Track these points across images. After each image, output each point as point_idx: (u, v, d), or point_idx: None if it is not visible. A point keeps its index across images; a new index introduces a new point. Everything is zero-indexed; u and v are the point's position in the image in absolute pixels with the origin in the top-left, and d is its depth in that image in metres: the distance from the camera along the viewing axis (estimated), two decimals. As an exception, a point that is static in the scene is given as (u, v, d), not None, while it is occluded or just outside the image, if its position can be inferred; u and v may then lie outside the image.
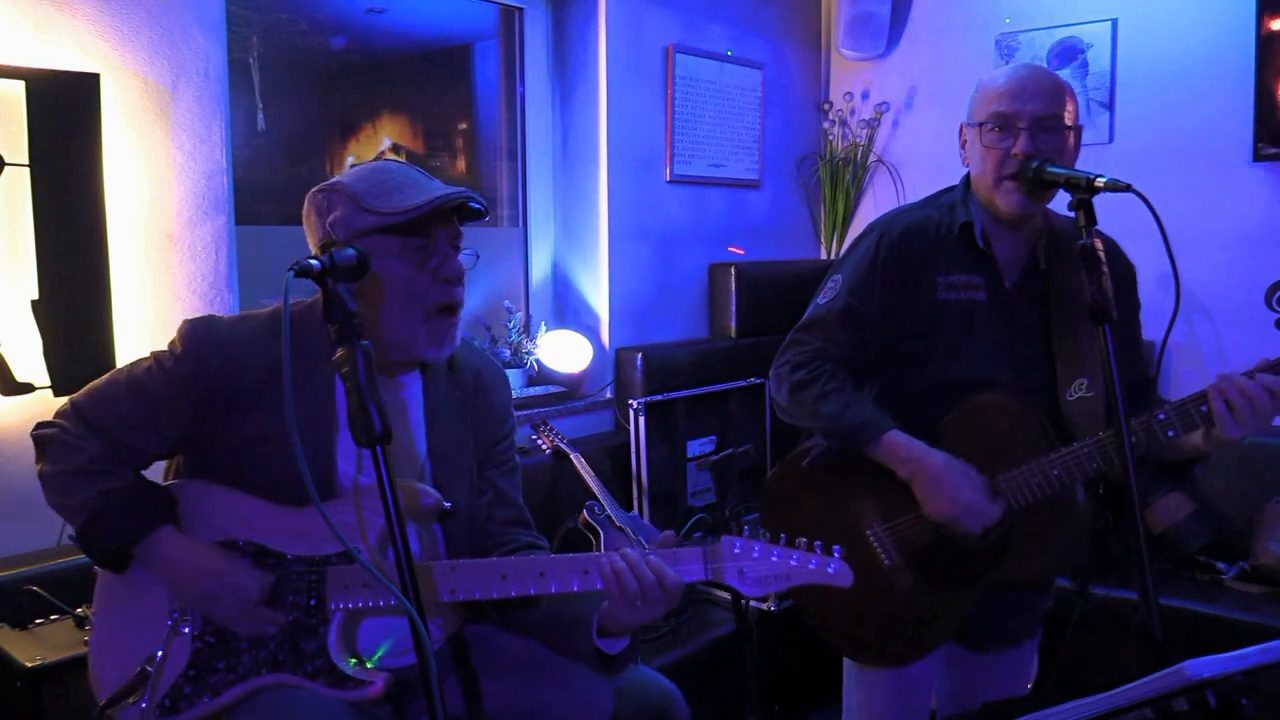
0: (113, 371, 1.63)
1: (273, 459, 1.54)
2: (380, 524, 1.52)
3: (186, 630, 1.56)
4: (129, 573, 1.58)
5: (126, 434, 1.57)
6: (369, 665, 1.57)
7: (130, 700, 1.54)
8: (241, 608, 1.53)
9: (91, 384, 1.62)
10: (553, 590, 1.52)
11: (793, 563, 1.46)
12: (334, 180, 1.59)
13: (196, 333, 1.58)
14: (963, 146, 1.94)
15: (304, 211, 1.61)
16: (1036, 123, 1.79)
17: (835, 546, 1.46)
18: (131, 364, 1.62)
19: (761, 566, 1.46)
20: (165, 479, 1.67)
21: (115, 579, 1.62)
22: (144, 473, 1.63)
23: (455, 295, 1.61)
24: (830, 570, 1.45)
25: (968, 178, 1.96)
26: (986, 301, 1.90)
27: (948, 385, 1.89)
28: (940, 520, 1.82)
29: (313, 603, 1.55)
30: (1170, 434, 1.71)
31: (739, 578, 1.47)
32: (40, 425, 1.60)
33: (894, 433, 1.84)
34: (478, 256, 1.65)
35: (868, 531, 1.92)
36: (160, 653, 1.55)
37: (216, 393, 1.56)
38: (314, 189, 1.60)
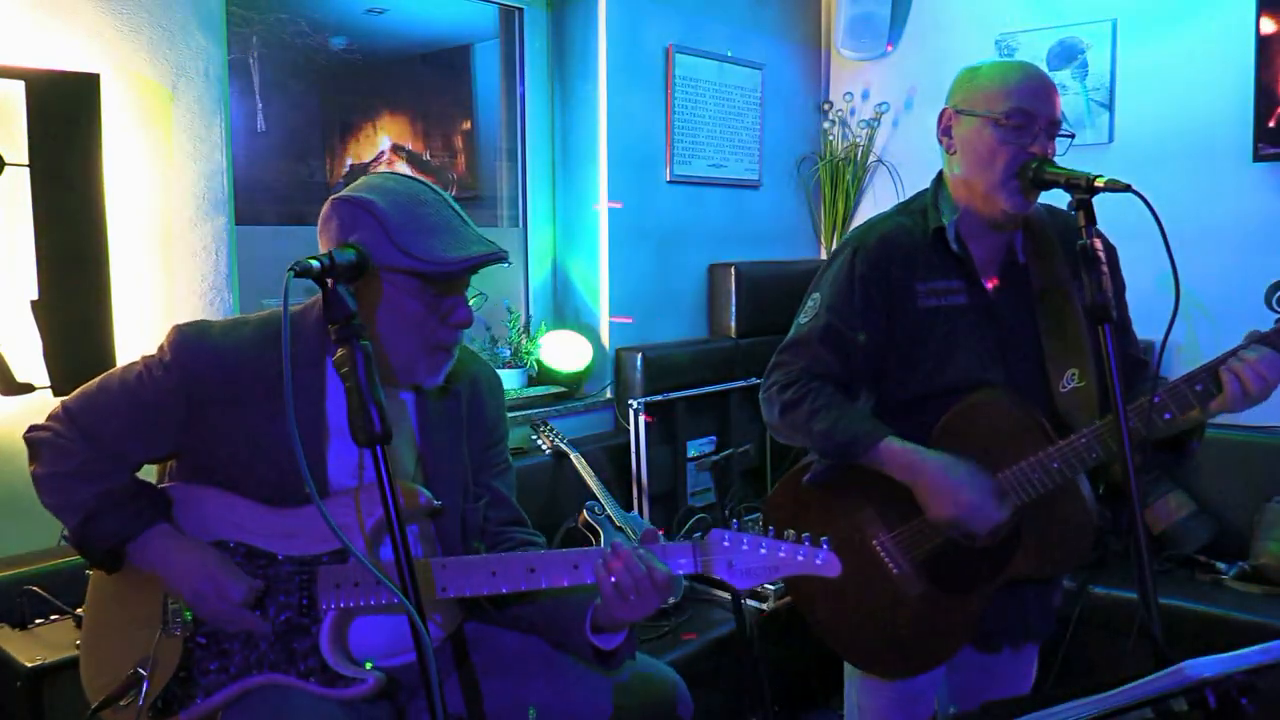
0: (104, 375, 1.62)
1: (264, 462, 1.54)
2: (372, 523, 1.52)
3: (178, 632, 1.56)
4: (121, 575, 1.58)
5: (118, 439, 1.56)
6: (368, 666, 1.57)
7: (123, 703, 1.54)
8: (230, 610, 1.52)
9: (84, 387, 1.61)
10: (543, 585, 1.53)
11: (781, 554, 1.47)
12: (363, 196, 1.51)
13: (186, 341, 1.57)
14: (947, 133, 1.88)
15: (322, 215, 1.55)
16: (1052, 125, 1.78)
17: (824, 538, 1.47)
18: (124, 369, 1.60)
19: (750, 559, 1.47)
20: (158, 481, 1.66)
21: (107, 581, 1.62)
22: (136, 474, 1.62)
23: (458, 337, 1.61)
24: (818, 561, 1.46)
25: (939, 179, 1.94)
26: (968, 305, 1.88)
27: (938, 391, 1.87)
28: (944, 523, 1.81)
29: (304, 603, 1.55)
30: (1167, 416, 1.72)
31: (728, 570, 1.48)
32: (33, 428, 1.60)
33: (890, 440, 1.82)
34: (486, 298, 1.66)
35: (874, 542, 1.91)
36: (152, 654, 1.55)
37: (207, 400, 1.55)
38: (338, 196, 1.53)
